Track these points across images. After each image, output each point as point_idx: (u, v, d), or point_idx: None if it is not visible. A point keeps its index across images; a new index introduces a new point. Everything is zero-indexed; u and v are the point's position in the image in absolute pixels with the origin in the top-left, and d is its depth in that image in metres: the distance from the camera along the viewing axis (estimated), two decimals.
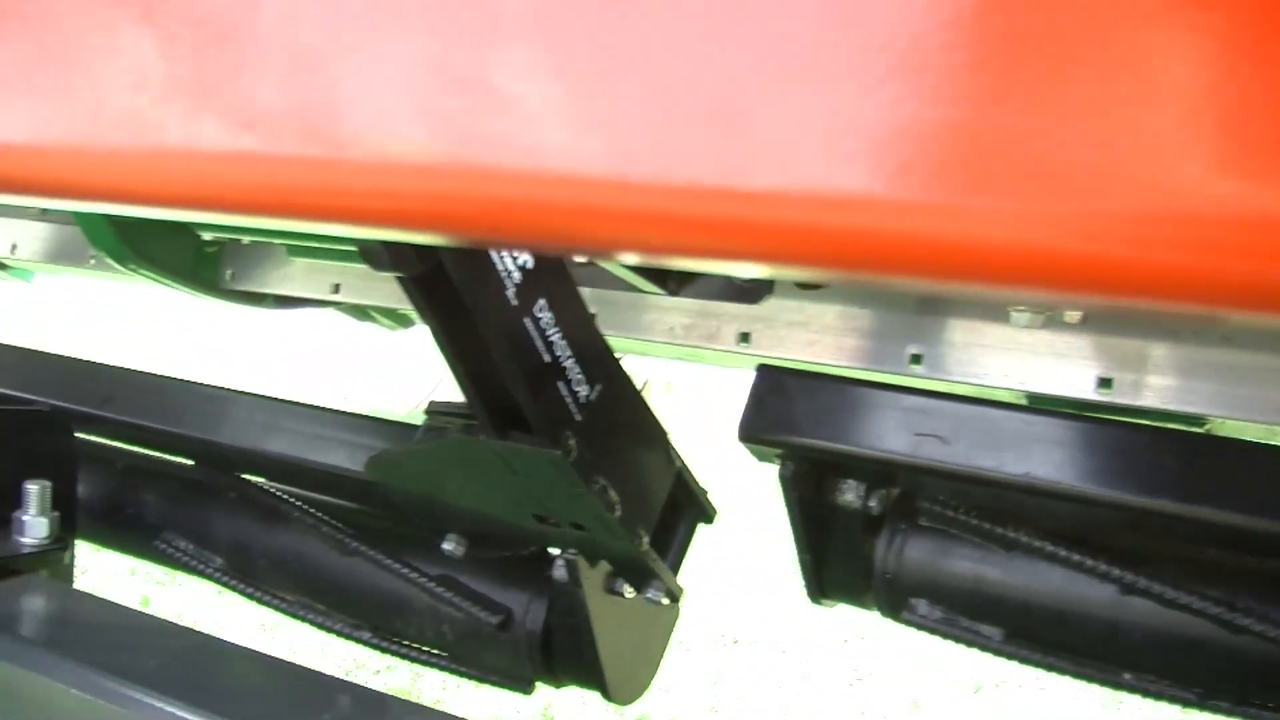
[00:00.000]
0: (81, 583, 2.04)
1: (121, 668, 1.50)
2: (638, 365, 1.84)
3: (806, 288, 1.71)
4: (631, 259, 0.70)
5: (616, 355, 1.54)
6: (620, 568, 1.69)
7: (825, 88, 0.58)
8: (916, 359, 1.82)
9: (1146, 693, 1.57)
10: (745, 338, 1.90)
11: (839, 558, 1.73)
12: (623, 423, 1.55)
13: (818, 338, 1.87)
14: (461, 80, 0.60)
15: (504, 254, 1.30)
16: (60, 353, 2.55)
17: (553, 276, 1.39)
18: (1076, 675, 1.61)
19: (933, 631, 1.68)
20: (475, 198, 0.60)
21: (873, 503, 1.66)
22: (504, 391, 1.40)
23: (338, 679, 1.55)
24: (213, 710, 1.39)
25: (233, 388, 2.21)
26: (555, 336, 1.39)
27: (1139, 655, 1.56)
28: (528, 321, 1.35)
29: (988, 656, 1.67)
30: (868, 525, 1.68)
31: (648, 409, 1.62)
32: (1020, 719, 5.51)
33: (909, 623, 1.69)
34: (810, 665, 5.96)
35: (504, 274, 1.31)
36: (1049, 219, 0.56)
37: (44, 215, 2.97)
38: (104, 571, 5.74)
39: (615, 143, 0.57)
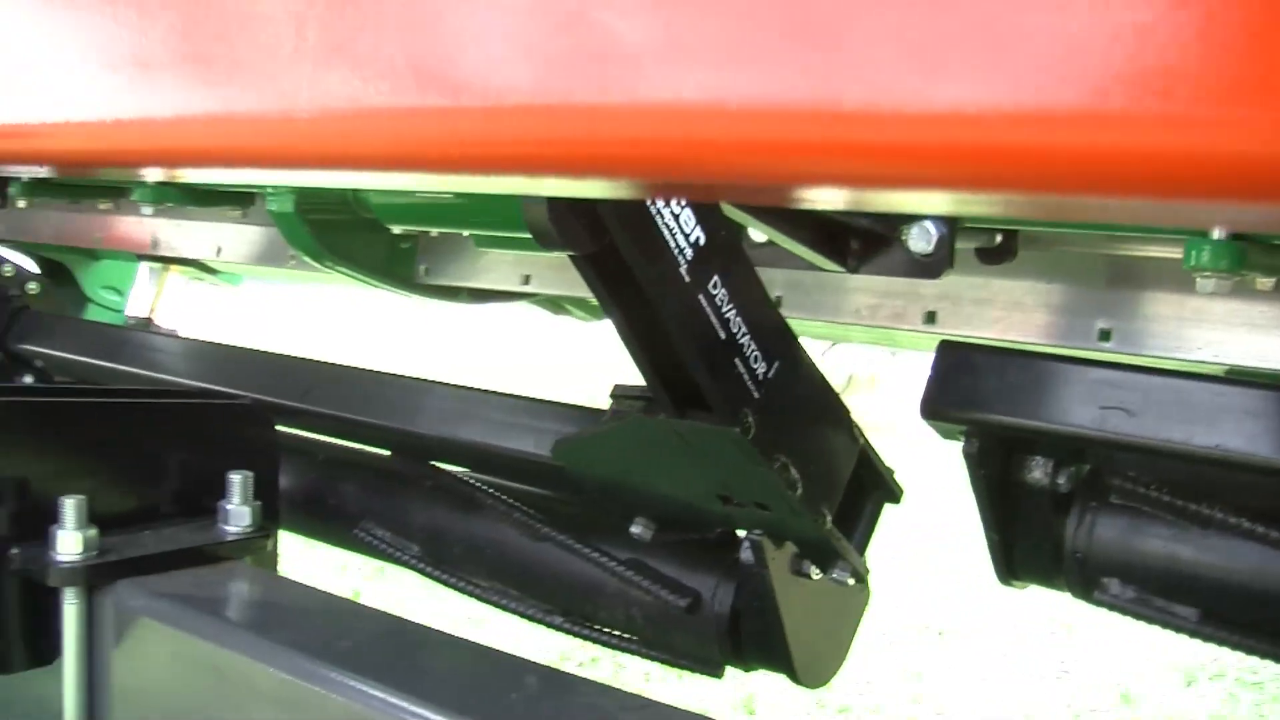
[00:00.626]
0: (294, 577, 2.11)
1: (317, 648, 1.54)
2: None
3: (989, 261, 1.68)
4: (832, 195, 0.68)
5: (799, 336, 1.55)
6: (805, 548, 1.69)
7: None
8: (1105, 334, 1.79)
9: None
10: (931, 317, 1.89)
11: (1028, 537, 1.70)
12: (803, 400, 1.55)
13: (1004, 314, 1.85)
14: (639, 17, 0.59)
15: (675, 231, 1.31)
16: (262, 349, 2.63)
17: (726, 253, 1.39)
18: (1278, 658, 1.57)
19: (1125, 612, 1.64)
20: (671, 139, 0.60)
21: (1061, 480, 1.63)
22: (682, 370, 1.41)
23: (525, 659, 1.58)
24: (403, 688, 1.43)
25: (424, 378, 2.27)
26: (730, 313, 1.40)
27: None
28: (702, 298, 1.36)
29: (1193, 642, 1.64)
30: (1056, 503, 1.65)
31: (829, 387, 1.61)
32: (1235, 713, 5.36)
33: (1100, 603, 1.66)
34: (1016, 657, 5.88)
35: (676, 251, 1.32)
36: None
37: (244, 218, 3.07)
38: (314, 567, 5.91)
39: (817, 71, 0.56)
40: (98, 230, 3.55)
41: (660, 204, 1.30)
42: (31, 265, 3.99)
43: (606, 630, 1.97)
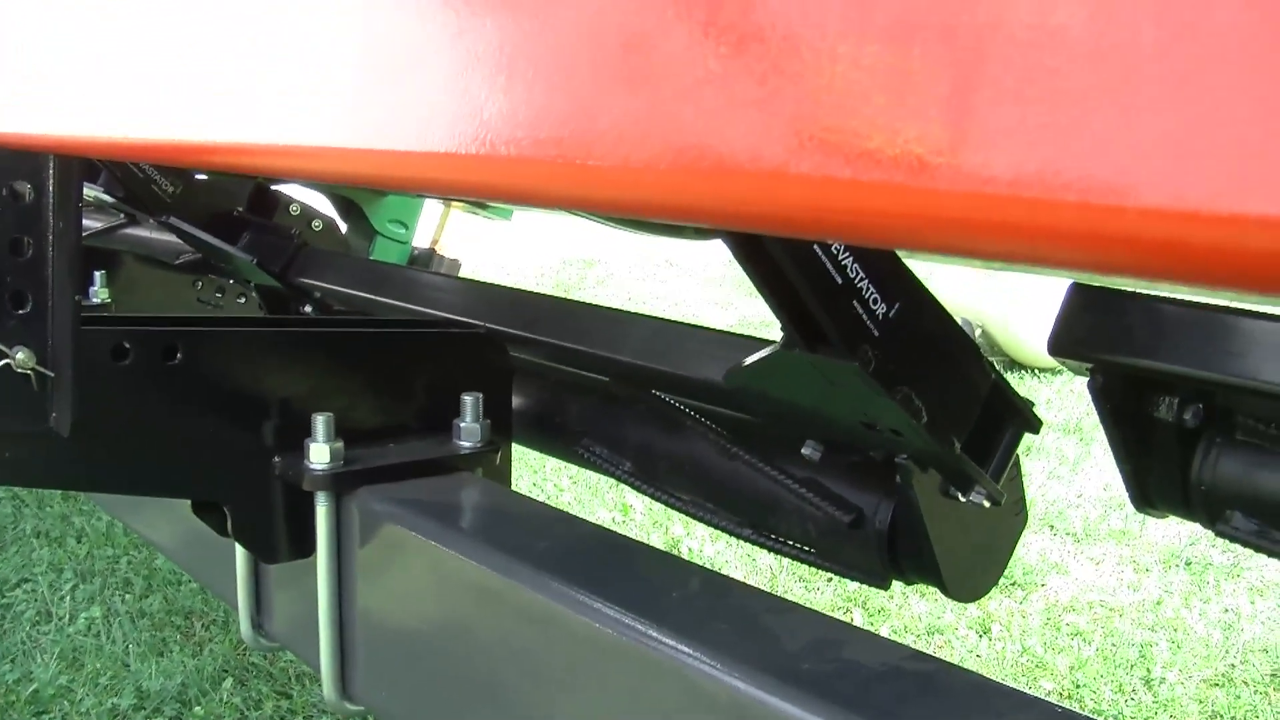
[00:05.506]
0: None
1: (517, 549, 1.78)
2: None
3: None
4: None
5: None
6: (942, 472, 1.84)
7: None
8: None
9: None
10: None
11: (1159, 468, 1.79)
12: (926, 337, 1.69)
13: None
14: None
15: None
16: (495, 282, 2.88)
17: None
18: None
19: (1246, 544, 1.71)
20: None
21: (1187, 416, 1.71)
22: (806, 312, 1.57)
23: (700, 567, 1.78)
24: (580, 583, 1.64)
25: (630, 310, 2.48)
26: (847, 261, 1.56)
27: None
28: (817, 248, 1.52)
29: None
30: (1183, 438, 1.74)
31: (954, 325, 1.75)
32: None
33: (1223, 534, 1.73)
34: (1265, 585, 5.82)
35: None
36: None
37: None
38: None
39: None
40: None
41: None
42: (322, 203, 4.35)
43: (787, 542, 2.16)
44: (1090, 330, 1.72)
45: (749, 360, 1.76)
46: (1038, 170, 0.56)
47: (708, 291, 14.47)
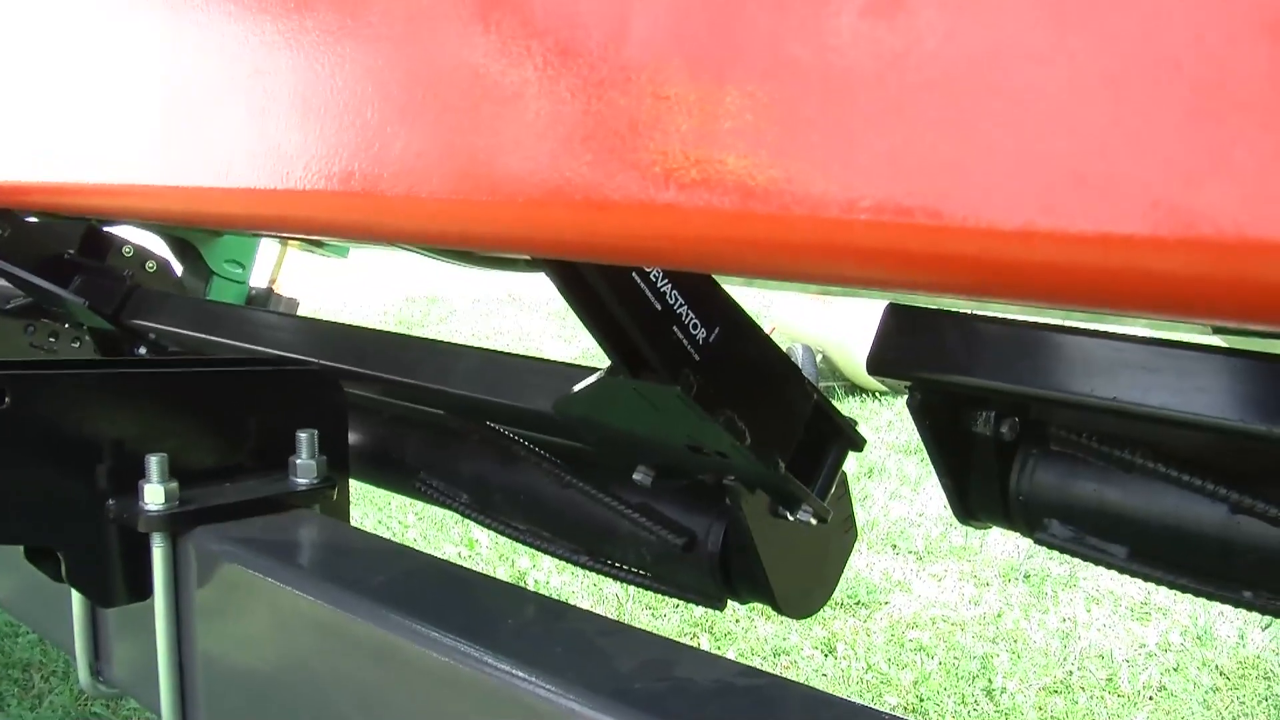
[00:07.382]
0: None
1: (352, 583, 1.78)
2: None
3: None
4: None
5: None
6: (769, 492, 1.88)
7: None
8: None
9: (1265, 610, 1.62)
10: None
11: (979, 481, 1.84)
12: (746, 361, 1.73)
13: None
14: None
15: None
16: (327, 319, 2.87)
17: None
18: (1198, 593, 1.67)
19: (1064, 550, 1.76)
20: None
21: (1004, 430, 1.77)
22: (628, 339, 1.60)
23: (535, 594, 1.80)
24: (418, 614, 1.65)
25: (458, 342, 2.49)
26: (666, 288, 1.59)
27: (1253, 573, 1.61)
28: (636, 276, 1.55)
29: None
30: (1001, 450, 1.80)
31: (774, 348, 1.79)
32: None
33: (1043, 542, 1.78)
34: (1100, 593, 5.97)
35: None
36: None
37: None
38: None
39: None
40: None
41: None
42: (156, 244, 4.30)
43: (623, 567, 2.18)
44: (906, 349, 1.77)
45: (576, 388, 1.78)
46: (826, 192, 0.59)
47: (551, 325, 14.52)
